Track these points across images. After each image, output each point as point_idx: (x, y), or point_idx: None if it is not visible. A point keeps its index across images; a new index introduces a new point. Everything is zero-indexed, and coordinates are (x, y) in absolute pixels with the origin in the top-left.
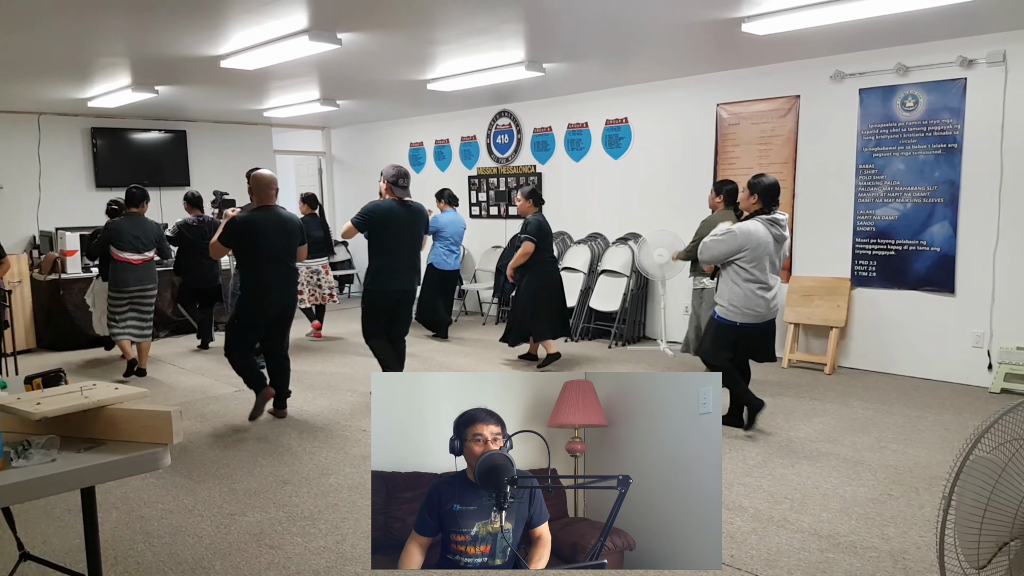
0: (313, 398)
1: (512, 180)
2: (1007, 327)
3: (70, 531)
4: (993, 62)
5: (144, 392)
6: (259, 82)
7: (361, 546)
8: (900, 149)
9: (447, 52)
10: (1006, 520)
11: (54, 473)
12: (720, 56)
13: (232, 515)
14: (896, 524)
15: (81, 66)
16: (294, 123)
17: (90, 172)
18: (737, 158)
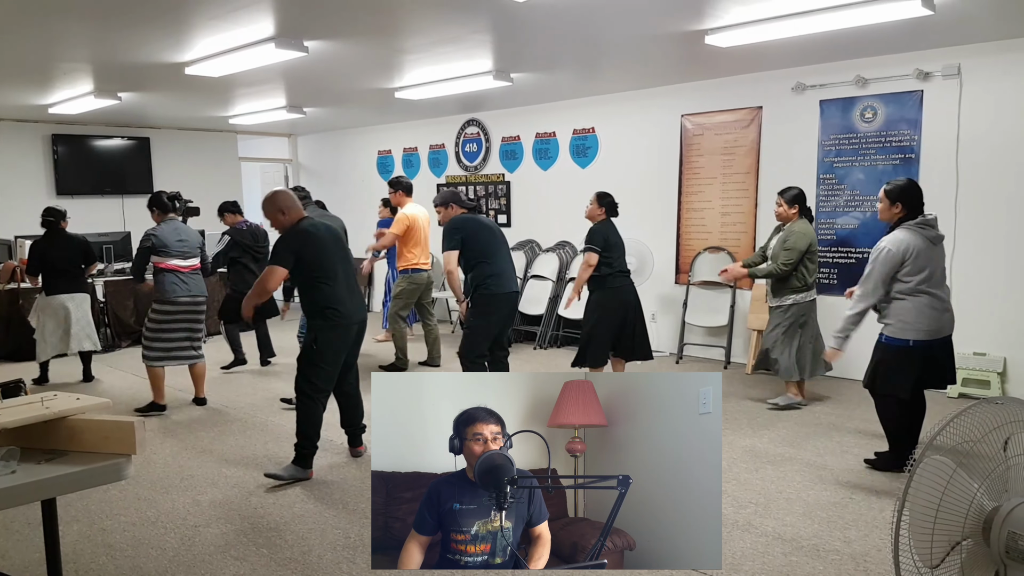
0: (280, 408)
1: (481, 188)
2: (964, 334)
3: (30, 544)
4: (948, 75)
5: (106, 402)
6: (224, 89)
7: (328, 557)
8: (860, 159)
9: (415, 61)
10: (958, 520)
11: (14, 485)
12: (685, 68)
13: (196, 527)
14: (858, 527)
15: (42, 72)
16: (260, 130)
17: (51, 179)
18: (701, 168)
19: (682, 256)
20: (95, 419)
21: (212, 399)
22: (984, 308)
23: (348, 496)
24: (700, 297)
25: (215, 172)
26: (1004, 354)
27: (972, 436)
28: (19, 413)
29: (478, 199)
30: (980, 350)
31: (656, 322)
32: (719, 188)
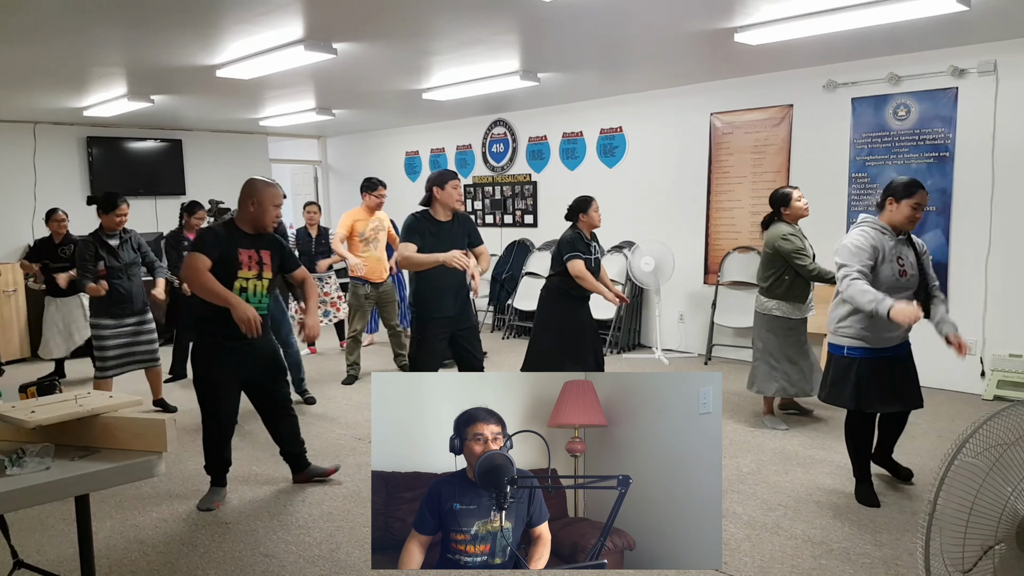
0: (308, 408)
1: (507, 189)
2: (999, 335)
3: (64, 540)
4: (984, 71)
5: (138, 400)
6: (255, 91)
7: (356, 555)
8: (892, 158)
9: (442, 62)
10: (990, 524)
11: (48, 481)
12: (714, 66)
13: (227, 524)
14: (889, 531)
15: (77, 76)
16: (290, 132)
17: (85, 181)
18: (731, 167)
19: (711, 256)
20: (127, 417)
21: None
22: (1019, 309)
23: None
24: (729, 297)
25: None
26: None
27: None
28: (54, 411)
29: (504, 199)
30: (1016, 352)
31: (684, 323)
32: (749, 187)
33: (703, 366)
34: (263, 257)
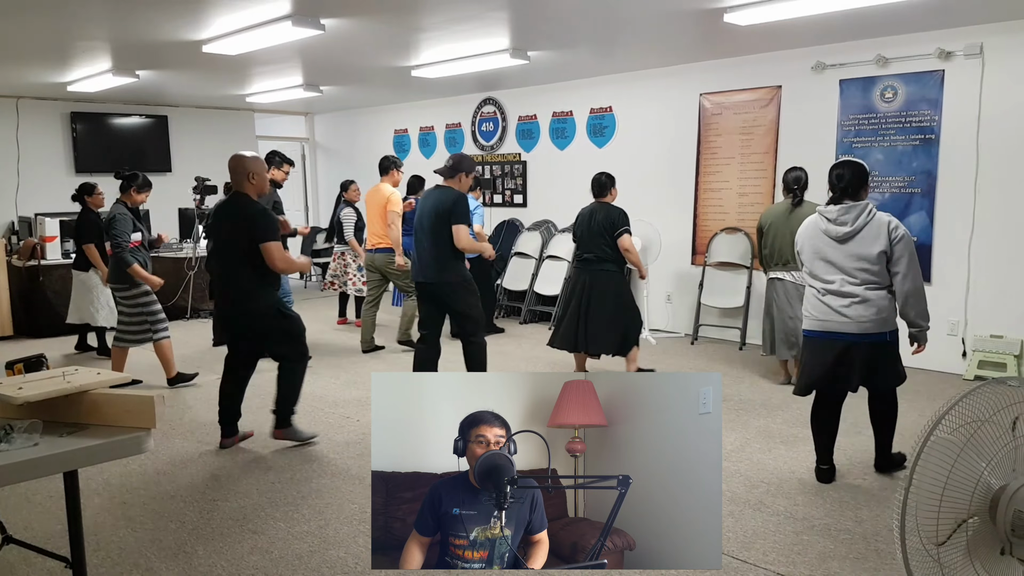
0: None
1: (497, 168)
2: (981, 315)
3: (52, 516)
4: (970, 54)
5: (126, 377)
6: (241, 67)
7: (344, 531)
8: (879, 140)
9: (432, 39)
10: (964, 499)
11: (36, 457)
12: (703, 46)
13: (215, 501)
14: (870, 507)
15: (61, 50)
16: (277, 109)
17: (70, 157)
18: (719, 148)
19: (699, 237)
20: (115, 393)
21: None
22: (1002, 290)
23: (364, 471)
24: (716, 278)
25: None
26: (1022, 336)
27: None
28: (42, 387)
29: (494, 179)
30: (997, 332)
31: (672, 303)
32: (737, 168)
33: (690, 346)
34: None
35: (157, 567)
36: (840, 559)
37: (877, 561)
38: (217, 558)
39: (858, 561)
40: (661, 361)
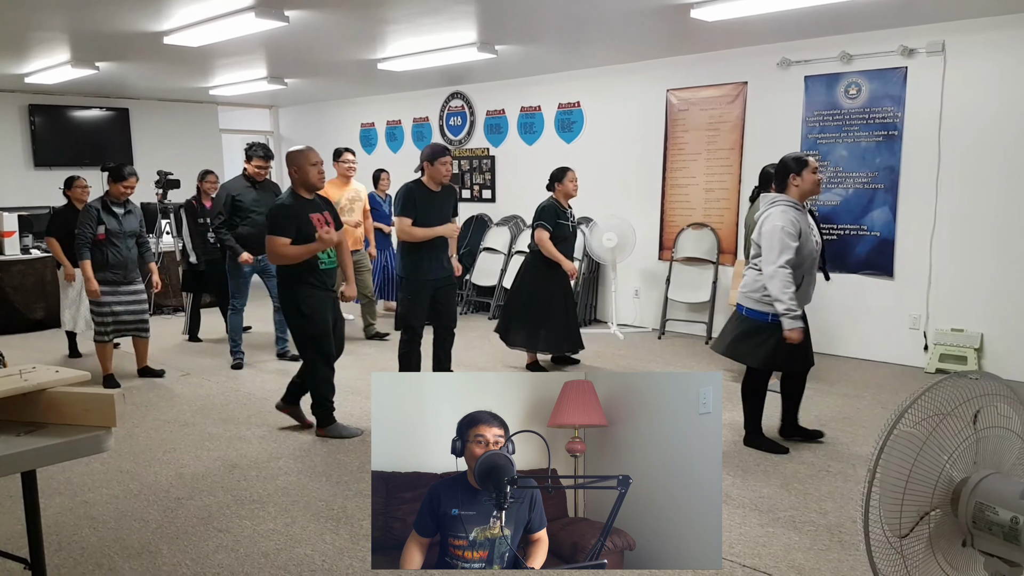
0: (263, 382)
1: (465, 163)
2: (942, 309)
3: (12, 517)
4: (932, 51)
5: (84, 375)
6: (204, 59)
7: (311, 528)
8: (843, 136)
9: (398, 32)
10: (927, 491)
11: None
12: (670, 42)
13: (179, 499)
14: (833, 499)
15: (17, 41)
16: (241, 102)
17: (28, 151)
18: (686, 143)
19: (666, 232)
20: (74, 391)
21: (193, 371)
22: (962, 285)
23: (331, 468)
24: (683, 273)
25: (196, 144)
26: (981, 330)
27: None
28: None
29: (462, 174)
30: (958, 326)
31: (639, 298)
32: (703, 164)
33: (657, 340)
34: (326, 217)
35: (120, 567)
36: (805, 551)
37: (841, 552)
38: (182, 556)
39: (823, 553)
40: (629, 355)
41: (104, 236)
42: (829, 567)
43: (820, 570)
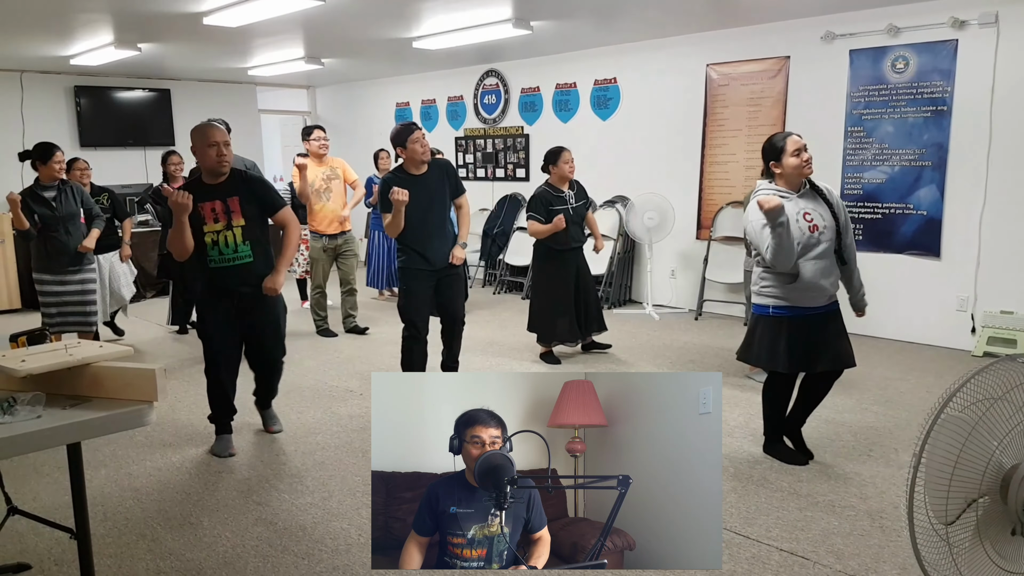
0: (299, 359)
1: (499, 142)
2: (991, 291)
3: (59, 487)
4: (985, 23)
5: (127, 350)
6: (243, 40)
7: (347, 503)
8: (889, 111)
9: (432, 9)
10: (975, 478)
11: (40, 429)
12: (710, 15)
13: (220, 472)
14: (875, 484)
15: (62, 23)
16: (279, 82)
17: (74, 131)
18: (726, 120)
19: (704, 211)
20: (117, 366)
21: None
22: (1013, 265)
23: (367, 445)
24: (721, 253)
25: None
26: None
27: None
28: (44, 360)
29: (495, 152)
30: (1008, 308)
31: (676, 278)
32: (744, 141)
33: (694, 321)
34: (230, 205)
35: (163, 537)
36: (844, 536)
37: (882, 538)
38: (222, 529)
39: (862, 538)
40: (664, 337)
41: (40, 226)
42: (869, 553)
43: (859, 556)
